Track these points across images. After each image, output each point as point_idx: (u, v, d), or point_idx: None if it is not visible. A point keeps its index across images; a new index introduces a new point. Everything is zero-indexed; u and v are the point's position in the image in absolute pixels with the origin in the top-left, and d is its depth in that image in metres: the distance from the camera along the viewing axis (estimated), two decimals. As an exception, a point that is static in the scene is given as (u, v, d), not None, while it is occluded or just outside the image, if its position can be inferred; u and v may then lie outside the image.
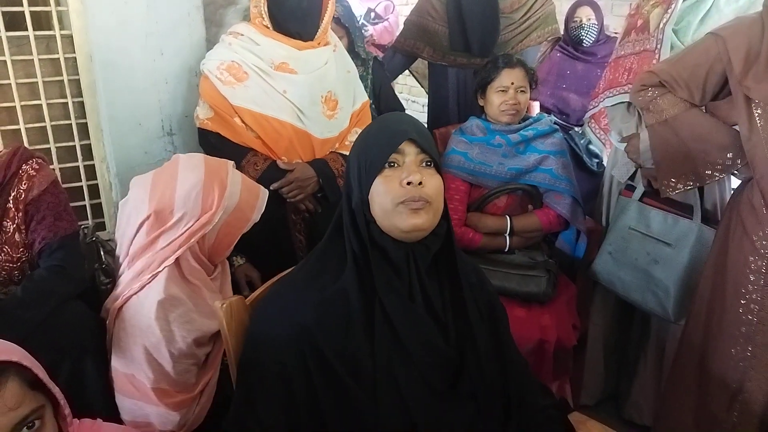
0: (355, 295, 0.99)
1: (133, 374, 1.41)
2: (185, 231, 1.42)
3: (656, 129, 1.61)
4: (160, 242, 1.42)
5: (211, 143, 1.79)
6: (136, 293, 1.41)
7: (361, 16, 3.81)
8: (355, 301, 0.99)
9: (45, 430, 0.90)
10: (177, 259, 1.42)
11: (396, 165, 1.01)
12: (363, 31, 3.12)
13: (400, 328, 0.99)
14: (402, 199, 0.97)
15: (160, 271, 1.40)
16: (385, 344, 0.98)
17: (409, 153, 1.01)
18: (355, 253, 1.01)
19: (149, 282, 1.41)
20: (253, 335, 1.05)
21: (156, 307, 1.38)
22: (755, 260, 1.45)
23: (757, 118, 1.37)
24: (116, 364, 1.42)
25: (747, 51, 1.37)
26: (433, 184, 1.01)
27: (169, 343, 1.39)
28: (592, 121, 2.28)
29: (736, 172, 1.57)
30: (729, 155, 1.48)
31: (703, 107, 1.60)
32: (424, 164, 1.02)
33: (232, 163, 1.56)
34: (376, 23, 3.73)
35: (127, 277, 1.44)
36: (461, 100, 2.56)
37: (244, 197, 1.50)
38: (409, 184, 0.98)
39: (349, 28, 2.32)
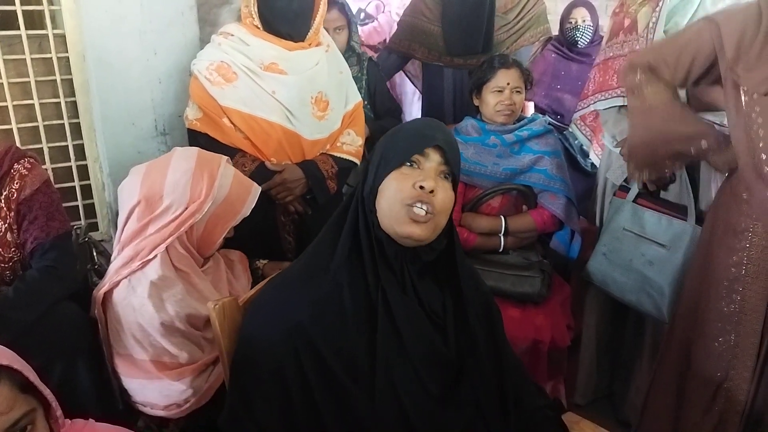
0: (348, 292, 0.99)
1: (131, 354, 1.42)
2: (174, 219, 1.43)
3: (636, 114, 1.60)
4: (150, 229, 1.44)
5: (201, 144, 1.77)
6: (125, 278, 1.42)
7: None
8: (348, 299, 0.98)
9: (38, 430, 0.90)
10: (167, 248, 1.43)
11: (416, 166, 1.01)
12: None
13: (402, 324, 0.99)
14: (410, 201, 0.97)
15: (151, 259, 1.42)
16: (386, 341, 0.98)
17: (433, 159, 1.01)
18: (354, 243, 1.01)
19: (140, 268, 1.42)
20: (247, 334, 1.04)
21: (149, 286, 1.40)
22: (738, 251, 1.45)
23: (744, 106, 1.38)
24: (116, 347, 1.43)
25: (740, 37, 1.36)
26: (444, 197, 1.00)
27: (164, 319, 1.39)
28: (578, 119, 2.29)
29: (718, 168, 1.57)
30: (703, 143, 1.48)
31: (685, 93, 1.59)
32: (443, 175, 1.03)
33: (227, 158, 1.56)
34: (366, 23, 3.72)
35: (116, 264, 1.45)
36: (458, 101, 2.56)
37: (234, 190, 1.51)
38: (422, 188, 0.97)
39: (350, 18, 2.32)
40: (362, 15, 3.76)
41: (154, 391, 1.40)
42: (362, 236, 1.01)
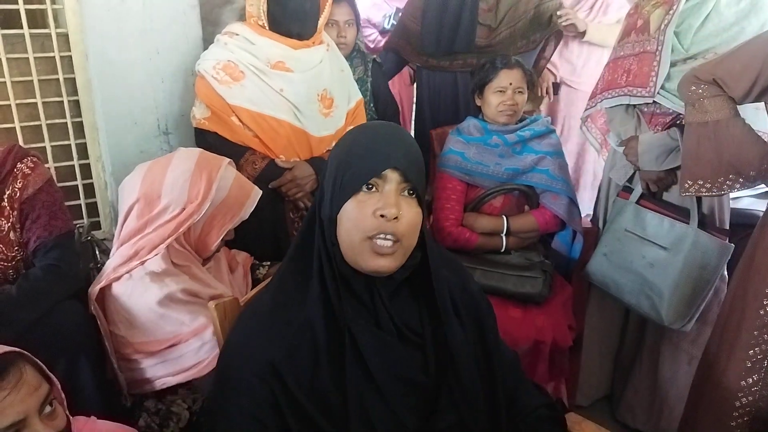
0: (320, 327, 0.93)
1: (149, 338, 1.41)
2: (171, 219, 1.43)
3: (694, 128, 1.53)
4: (148, 228, 1.44)
5: (209, 143, 1.79)
6: (127, 272, 1.43)
7: (390, 16, 3.68)
8: (320, 334, 0.93)
9: (58, 410, 0.97)
10: (167, 247, 1.44)
11: (375, 189, 0.92)
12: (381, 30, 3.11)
13: (369, 358, 0.92)
14: (371, 233, 0.90)
15: (149, 258, 1.42)
16: (355, 377, 0.92)
17: (392, 180, 0.92)
18: (322, 275, 0.94)
19: (135, 267, 1.42)
20: (222, 378, 0.97)
21: (149, 275, 1.41)
22: None
23: None
24: (129, 337, 1.42)
25: None
26: (409, 218, 0.92)
27: (170, 292, 1.40)
28: (589, 120, 2.28)
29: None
30: (764, 165, 1.43)
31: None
32: (406, 192, 0.94)
33: (229, 160, 1.57)
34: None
35: (114, 262, 1.45)
36: (434, 105, 2.47)
37: (233, 193, 1.51)
38: (382, 216, 0.90)
39: (357, 14, 2.30)
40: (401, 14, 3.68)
41: (175, 360, 1.40)
42: (326, 272, 0.94)
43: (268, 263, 1.77)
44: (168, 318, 1.40)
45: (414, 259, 0.98)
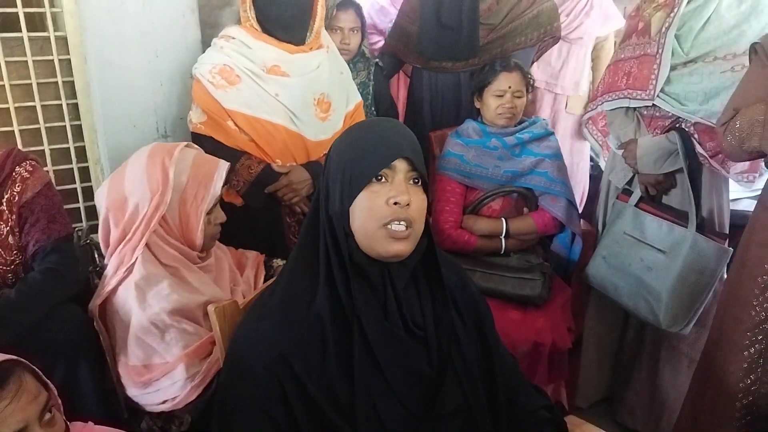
0: (329, 320, 0.96)
1: (129, 362, 1.40)
2: (143, 217, 1.42)
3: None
4: (128, 233, 1.43)
5: (205, 147, 1.77)
6: (117, 285, 1.42)
7: None
8: (329, 326, 0.96)
9: (57, 416, 0.98)
10: (150, 247, 1.42)
11: (384, 180, 0.97)
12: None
13: (380, 351, 0.96)
14: (386, 220, 0.95)
15: (133, 262, 1.41)
16: (364, 369, 0.95)
17: (400, 170, 0.97)
18: (330, 269, 0.97)
19: (128, 273, 1.41)
20: (231, 371, 1.00)
21: (134, 287, 1.39)
22: None
23: None
24: (119, 358, 1.42)
25: None
26: (418, 204, 0.98)
27: (151, 317, 1.37)
28: (590, 122, 2.28)
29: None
30: None
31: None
32: (412, 182, 0.99)
33: (186, 143, 1.54)
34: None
35: (107, 274, 1.45)
36: (435, 106, 2.44)
37: (195, 172, 1.47)
38: (396, 204, 0.95)
39: (363, 22, 2.29)
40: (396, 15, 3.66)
41: (151, 393, 1.39)
42: (334, 265, 0.97)
43: (283, 262, 1.75)
44: (144, 344, 1.38)
45: (422, 245, 1.02)
